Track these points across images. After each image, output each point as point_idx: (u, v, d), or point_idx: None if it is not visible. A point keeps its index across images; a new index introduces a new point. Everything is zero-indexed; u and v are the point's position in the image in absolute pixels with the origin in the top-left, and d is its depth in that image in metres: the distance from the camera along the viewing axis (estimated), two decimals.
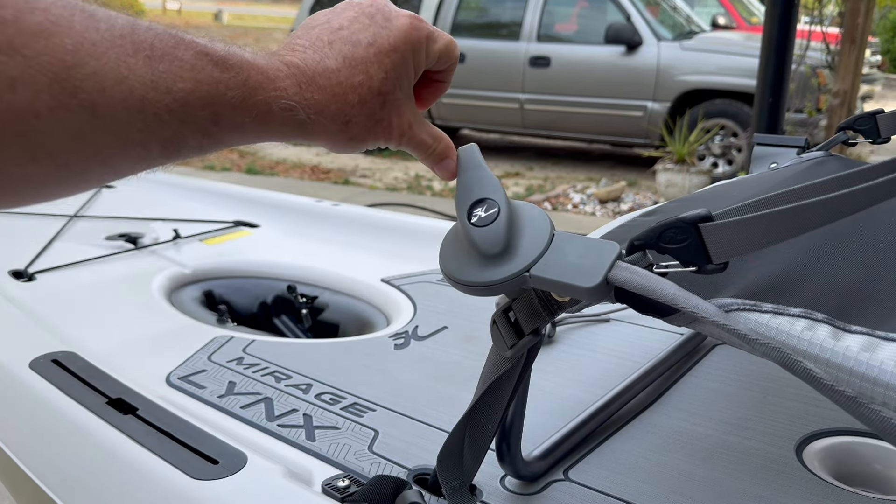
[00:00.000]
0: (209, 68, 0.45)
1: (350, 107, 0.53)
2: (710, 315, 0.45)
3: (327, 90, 0.52)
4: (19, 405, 0.95)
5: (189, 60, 0.43)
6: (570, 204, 5.39)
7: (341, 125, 0.53)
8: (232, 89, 0.46)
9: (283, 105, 0.49)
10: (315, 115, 0.51)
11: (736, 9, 8.35)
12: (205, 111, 0.44)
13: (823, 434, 0.78)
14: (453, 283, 0.55)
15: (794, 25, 1.99)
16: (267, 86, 0.48)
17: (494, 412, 0.62)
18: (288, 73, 0.50)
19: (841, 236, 0.63)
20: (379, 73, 0.54)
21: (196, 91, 0.43)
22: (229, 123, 0.46)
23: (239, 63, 0.47)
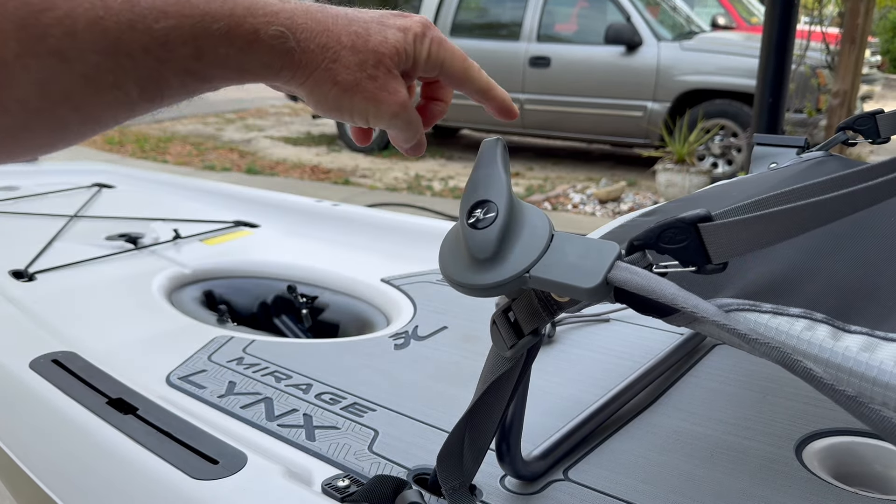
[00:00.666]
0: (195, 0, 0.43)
1: (341, 46, 0.51)
2: (709, 315, 0.45)
3: (321, 23, 0.50)
4: (19, 405, 0.95)
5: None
6: (570, 204, 5.39)
7: (329, 61, 0.50)
8: (218, 20, 0.44)
9: (272, 32, 0.47)
10: (304, 41, 0.49)
11: (736, 9, 8.36)
12: (187, 47, 0.43)
13: (823, 434, 0.78)
14: (452, 285, 0.55)
15: (794, 25, 1.99)
16: (256, 11, 0.46)
17: (494, 412, 0.62)
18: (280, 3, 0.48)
19: (841, 236, 0.63)
20: (378, 35, 0.53)
21: (180, 27, 0.42)
22: (213, 56, 0.44)
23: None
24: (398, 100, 0.55)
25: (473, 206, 0.56)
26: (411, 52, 0.55)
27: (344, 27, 0.51)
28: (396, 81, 0.54)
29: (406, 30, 0.55)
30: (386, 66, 0.53)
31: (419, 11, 6.88)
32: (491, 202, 0.55)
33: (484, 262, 0.53)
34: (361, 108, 0.54)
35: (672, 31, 6.34)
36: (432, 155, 7.18)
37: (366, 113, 0.54)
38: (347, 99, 0.52)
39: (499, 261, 0.52)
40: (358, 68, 0.52)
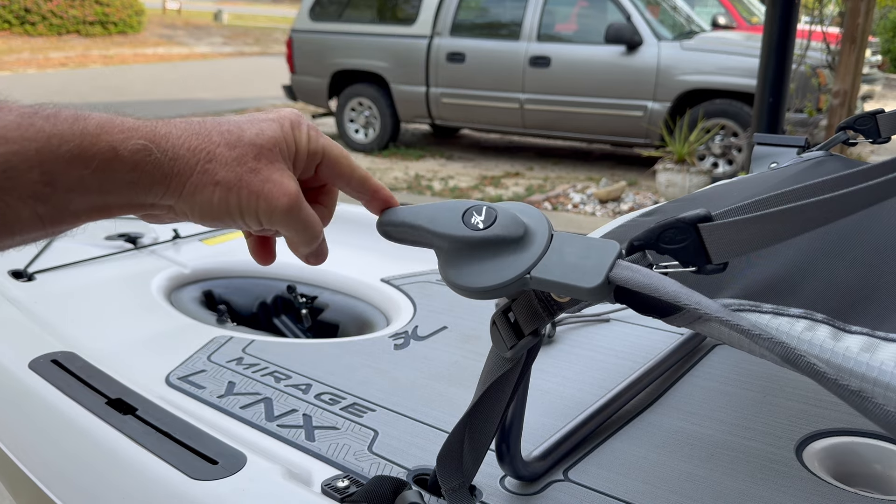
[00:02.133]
0: (39, 123, 0.40)
1: (214, 145, 0.47)
2: (712, 312, 0.44)
3: (187, 130, 0.47)
4: (19, 405, 0.95)
5: (14, 120, 0.40)
6: (571, 204, 5.39)
7: (204, 162, 0.46)
8: (67, 141, 0.41)
9: (132, 146, 0.43)
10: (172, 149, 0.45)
11: (736, 9, 8.36)
12: (33, 172, 0.39)
13: (823, 434, 0.78)
14: (455, 289, 0.55)
15: (795, 25, 1.99)
16: (111, 129, 0.43)
17: (494, 412, 0.62)
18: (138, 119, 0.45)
19: (841, 236, 0.63)
20: (251, 129, 0.49)
21: (23, 151, 0.39)
22: (65, 180, 0.41)
23: (73, 115, 0.42)
24: (287, 191, 0.50)
25: (464, 214, 0.55)
26: (291, 139, 0.51)
27: (214, 128, 0.48)
28: (282, 173, 0.50)
29: (280, 120, 0.52)
30: (267, 157, 0.49)
31: (419, 11, 6.88)
32: (479, 205, 0.55)
33: (501, 257, 0.52)
34: (250, 205, 0.48)
35: (672, 31, 6.34)
36: (432, 155, 7.19)
37: (255, 211, 0.49)
38: (234, 197, 0.48)
39: (514, 253, 0.52)
40: (237, 163, 0.48)
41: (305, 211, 0.51)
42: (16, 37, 15.88)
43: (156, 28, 19.37)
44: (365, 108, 7.30)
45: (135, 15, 18.02)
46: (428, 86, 6.89)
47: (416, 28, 6.90)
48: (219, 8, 23.57)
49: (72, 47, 15.75)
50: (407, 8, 7.12)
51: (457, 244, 0.55)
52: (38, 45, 15.55)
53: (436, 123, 7.16)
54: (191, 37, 19.27)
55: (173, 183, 0.46)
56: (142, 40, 17.80)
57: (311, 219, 0.52)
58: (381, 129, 7.23)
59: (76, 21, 16.66)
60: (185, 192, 0.47)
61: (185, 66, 14.88)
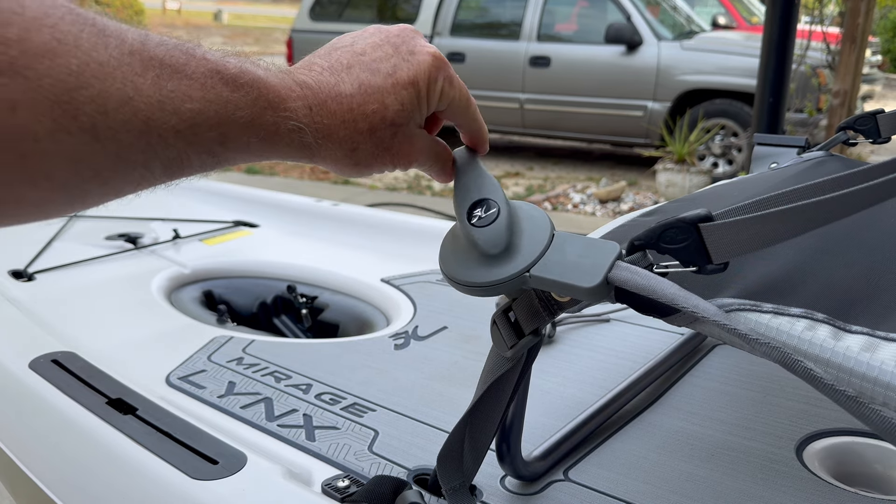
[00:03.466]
0: (219, 87, 0.44)
1: (359, 134, 0.53)
2: (710, 315, 0.45)
3: (338, 115, 0.51)
4: (19, 405, 0.95)
5: (199, 79, 0.42)
6: (571, 204, 5.39)
7: (348, 151, 0.53)
8: (241, 109, 0.45)
9: (291, 126, 0.48)
10: (322, 140, 0.51)
11: (736, 8, 8.36)
12: (212, 132, 0.43)
13: (823, 434, 0.78)
14: (453, 284, 0.55)
15: (795, 25, 1.99)
16: (277, 105, 0.47)
17: (494, 412, 0.62)
18: (300, 93, 0.49)
19: (841, 236, 0.63)
20: (394, 105, 0.54)
21: (205, 111, 0.43)
22: (236, 143, 0.46)
23: (251, 81, 0.46)
24: (412, 155, 0.58)
25: (472, 206, 0.56)
26: (424, 103, 0.57)
27: (360, 108, 0.52)
28: (410, 141, 0.57)
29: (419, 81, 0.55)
30: (402, 132, 0.55)
31: (419, 11, 6.88)
32: (490, 200, 0.56)
33: (495, 258, 0.53)
34: (381, 169, 0.57)
35: (672, 31, 6.34)
36: None
37: (385, 170, 0.58)
38: (367, 170, 0.56)
39: (510, 254, 0.53)
40: (376, 147, 0.54)
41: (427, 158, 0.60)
42: None
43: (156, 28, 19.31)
44: None
45: (134, 15, 18.01)
46: None
47: (416, 28, 6.90)
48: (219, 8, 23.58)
49: None
50: (407, 8, 7.12)
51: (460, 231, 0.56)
52: None
53: None
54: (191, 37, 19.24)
55: (321, 161, 0.53)
56: None
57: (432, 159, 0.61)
58: None
59: None
60: (327, 165, 0.54)
61: None
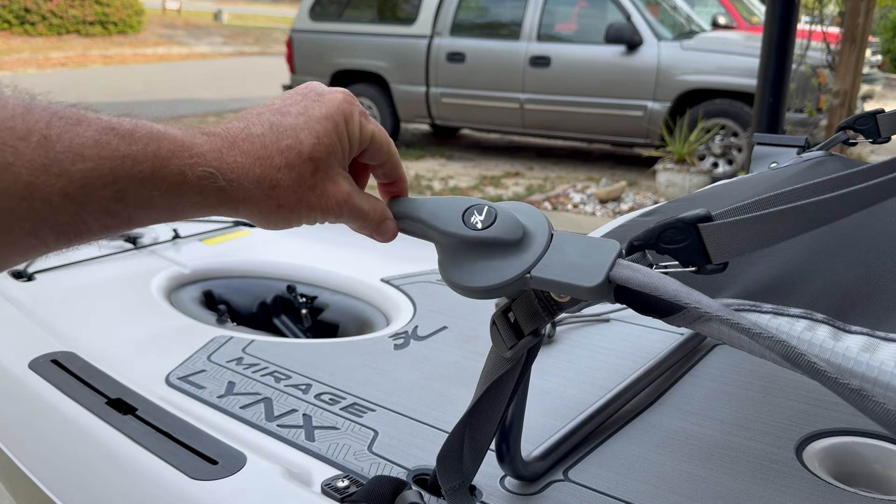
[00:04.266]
0: (115, 142, 0.42)
1: (276, 170, 0.50)
2: (712, 310, 0.44)
3: (251, 153, 0.49)
4: (19, 405, 0.95)
5: (92, 136, 0.41)
6: (571, 204, 5.39)
7: (267, 190, 0.50)
8: (140, 163, 0.43)
9: (200, 172, 0.46)
10: (237, 179, 0.48)
11: (736, 8, 8.36)
12: (107, 190, 0.41)
13: (823, 434, 0.78)
14: (455, 289, 0.55)
15: (795, 25, 1.99)
16: (181, 153, 0.45)
17: (494, 412, 0.62)
18: (207, 140, 0.47)
19: (841, 236, 0.63)
20: (309, 139, 0.51)
21: (99, 169, 0.41)
22: (136, 198, 0.43)
23: (149, 134, 0.44)
24: (339, 198, 0.54)
25: (464, 215, 0.55)
26: (345, 138, 0.54)
27: (273, 145, 0.50)
28: (335, 181, 0.54)
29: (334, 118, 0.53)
30: (323, 169, 0.52)
31: (419, 11, 6.88)
32: (480, 204, 0.56)
33: (497, 256, 0.53)
34: (310, 217, 0.54)
35: (672, 31, 6.34)
36: (432, 155, 7.19)
37: (314, 219, 0.54)
38: (295, 216, 0.53)
39: (511, 253, 0.52)
40: (297, 184, 0.51)
41: (355, 206, 0.56)
42: (16, 37, 15.88)
43: (156, 28, 19.37)
44: (365, 108, 7.26)
45: (135, 15, 18.02)
46: (428, 86, 6.89)
47: (416, 28, 6.90)
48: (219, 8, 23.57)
49: (72, 47, 15.75)
50: (407, 8, 7.12)
51: (456, 242, 0.55)
52: (38, 45, 15.55)
53: (436, 123, 7.16)
54: (191, 37, 19.26)
55: (240, 206, 0.49)
56: (142, 40, 17.80)
57: (360, 210, 0.56)
58: None
59: (76, 21, 16.66)
60: (251, 212, 0.51)
61: (185, 65, 14.88)
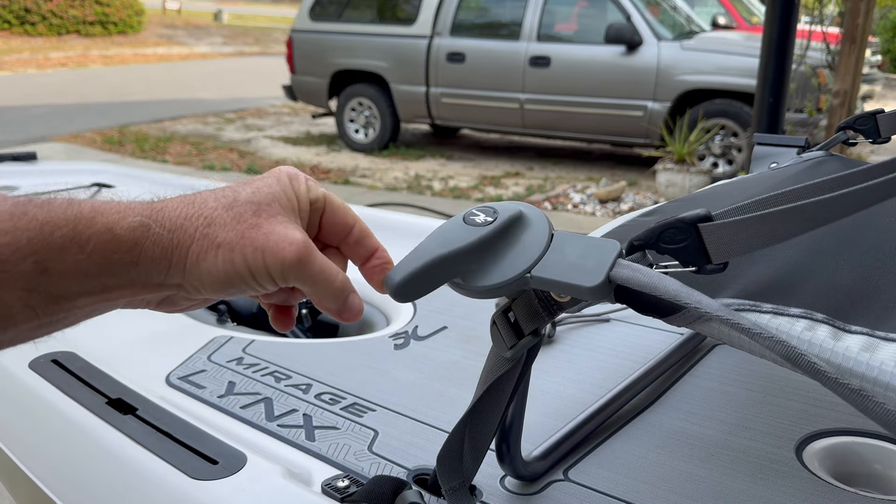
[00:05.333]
0: (32, 211, 0.39)
1: (211, 209, 0.46)
2: (712, 310, 0.44)
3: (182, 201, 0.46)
4: (19, 405, 0.95)
5: (7, 210, 0.39)
6: (571, 204, 5.39)
7: (203, 227, 0.45)
8: (60, 227, 0.40)
9: (128, 224, 0.42)
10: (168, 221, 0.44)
11: (736, 9, 8.36)
12: (27, 262, 0.38)
13: (823, 434, 0.78)
14: (455, 288, 0.55)
15: (795, 25, 1.99)
16: (106, 210, 0.42)
17: (494, 412, 0.62)
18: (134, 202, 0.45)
19: (841, 236, 0.63)
20: (246, 190, 0.48)
21: (15, 242, 0.38)
22: (60, 267, 0.40)
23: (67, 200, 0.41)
24: (292, 240, 0.47)
25: (465, 218, 0.55)
26: (290, 191, 0.50)
27: (209, 195, 0.47)
28: (285, 224, 0.47)
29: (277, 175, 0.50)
30: (267, 212, 0.47)
31: (419, 11, 6.88)
32: (472, 211, 0.55)
33: (498, 257, 0.52)
34: (256, 261, 0.46)
35: (672, 31, 6.34)
36: (432, 155, 7.19)
37: (264, 267, 0.46)
38: (239, 257, 0.45)
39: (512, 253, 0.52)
40: (236, 222, 0.46)
41: (319, 261, 0.48)
42: (16, 37, 15.88)
43: (156, 28, 19.37)
44: (365, 108, 7.30)
45: (135, 15, 18.03)
46: (428, 86, 6.89)
47: (416, 28, 6.90)
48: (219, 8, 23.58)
49: (72, 47, 15.75)
50: (407, 8, 7.12)
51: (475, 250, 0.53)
52: (38, 45, 15.55)
53: (436, 123, 7.16)
54: (191, 37, 19.27)
55: (175, 255, 0.45)
56: (142, 40, 17.80)
57: (327, 268, 0.49)
58: (381, 129, 7.23)
59: (76, 21, 16.66)
60: (188, 263, 0.45)
61: (185, 66, 14.88)
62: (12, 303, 0.39)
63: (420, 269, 0.52)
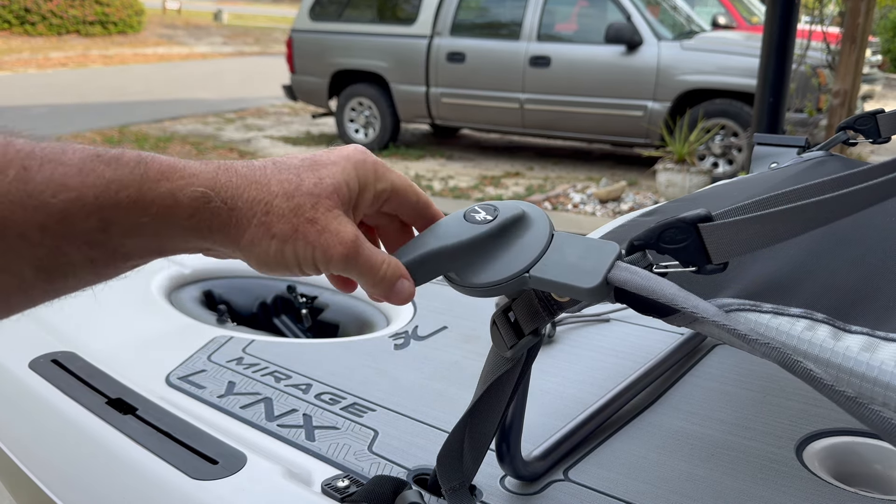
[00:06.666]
0: (100, 168, 0.40)
1: (272, 196, 0.47)
2: (709, 315, 0.45)
3: (246, 177, 0.46)
4: (19, 405, 0.95)
5: (76, 165, 0.39)
6: (571, 204, 5.39)
7: (261, 214, 0.46)
8: (127, 187, 0.41)
9: (191, 193, 0.43)
10: (231, 199, 0.45)
11: (736, 8, 8.36)
12: (91, 220, 0.39)
13: (823, 434, 0.78)
14: (454, 286, 0.55)
15: (795, 25, 1.99)
16: (171, 175, 0.43)
17: (494, 412, 0.62)
18: (200, 164, 0.45)
19: (841, 236, 0.63)
20: (311, 177, 0.49)
21: (82, 198, 0.39)
22: (123, 226, 0.41)
23: (136, 158, 0.42)
24: (343, 239, 0.49)
25: (466, 215, 0.56)
26: (354, 183, 0.50)
27: (273, 176, 0.47)
28: (339, 220, 0.49)
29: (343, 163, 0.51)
30: (325, 206, 0.48)
31: (419, 11, 6.88)
32: (475, 208, 0.56)
33: (498, 256, 0.53)
34: (306, 256, 0.48)
35: (672, 31, 6.34)
36: (432, 155, 7.18)
37: (312, 260, 0.49)
38: (290, 249, 0.47)
39: (512, 252, 0.52)
40: (293, 214, 0.47)
41: (364, 256, 0.50)
42: (16, 37, 15.89)
43: (156, 28, 19.37)
44: (365, 108, 7.30)
45: (135, 15, 18.02)
46: (428, 86, 6.89)
47: (416, 28, 6.90)
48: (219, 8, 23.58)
49: (72, 47, 15.75)
50: (407, 8, 7.12)
51: (467, 246, 0.53)
52: (38, 45, 15.55)
53: (436, 123, 7.16)
54: (191, 37, 19.27)
55: (231, 233, 0.46)
56: (142, 40, 17.80)
57: (372, 262, 0.51)
58: (381, 129, 7.23)
59: (76, 21, 16.66)
60: (243, 243, 0.47)
61: (185, 65, 14.88)
62: (74, 256, 0.40)
63: (414, 260, 0.53)
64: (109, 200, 0.40)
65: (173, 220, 0.43)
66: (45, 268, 0.39)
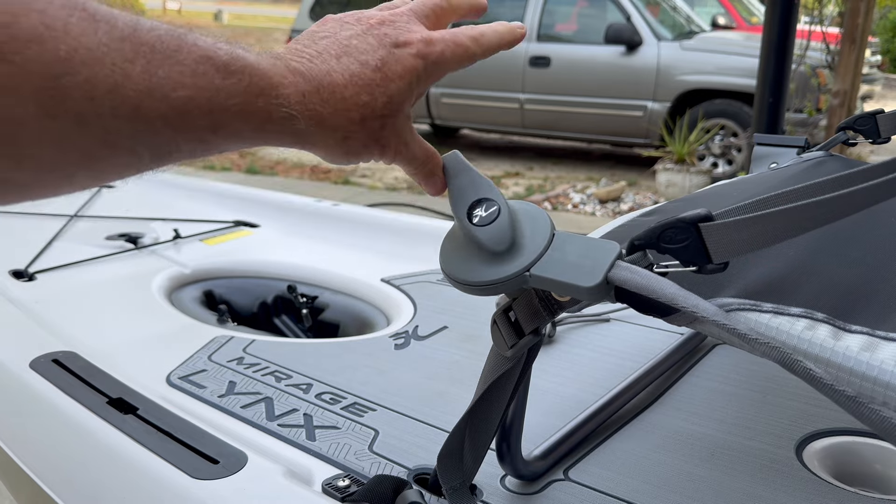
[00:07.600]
0: (211, 73, 0.43)
1: (351, 123, 0.53)
2: (709, 315, 0.45)
3: (330, 104, 0.52)
4: (19, 405, 0.95)
5: (190, 65, 0.42)
6: (570, 204, 5.39)
7: (339, 140, 0.53)
8: (233, 96, 0.45)
9: (283, 113, 0.48)
10: (314, 127, 0.51)
11: (736, 9, 8.36)
12: (204, 120, 0.43)
13: (823, 434, 0.78)
14: (454, 283, 0.55)
15: (794, 25, 1.99)
16: (269, 92, 0.47)
17: (494, 412, 0.62)
18: (292, 80, 0.49)
19: (841, 236, 0.63)
20: (382, 98, 0.54)
21: (196, 99, 0.42)
22: (227, 131, 0.46)
23: (242, 68, 0.45)
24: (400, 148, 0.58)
25: (472, 206, 0.56)
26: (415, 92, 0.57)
27: (353, 99, 0.52)
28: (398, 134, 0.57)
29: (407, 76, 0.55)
30: (391, 125, 0.55)
31: None
32: (488, 199, 0.56)
33: (499, 256, 0.53)
34: (368, 158, 0.57)
35: (672, 31, 6.34)
36: None
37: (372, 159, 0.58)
38: (355, 160, 0.56)
39: (514, 252, 0.53)
40: (367, 137, 0.54)
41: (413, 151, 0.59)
42: None
43: None
44: None
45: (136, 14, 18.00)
46: None
47: None
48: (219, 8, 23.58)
49: None
50: None
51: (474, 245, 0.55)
52: None
53: (436, 123, 7.16)
54: None
55: (312, 147, 0.53)
56: None
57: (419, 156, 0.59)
58: None
59: None
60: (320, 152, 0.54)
61: None
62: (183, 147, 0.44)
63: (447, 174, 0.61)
64: (219, 105, 0.44)
65: (266, 132, 0.49)
66: (160, 154, 0.44)
